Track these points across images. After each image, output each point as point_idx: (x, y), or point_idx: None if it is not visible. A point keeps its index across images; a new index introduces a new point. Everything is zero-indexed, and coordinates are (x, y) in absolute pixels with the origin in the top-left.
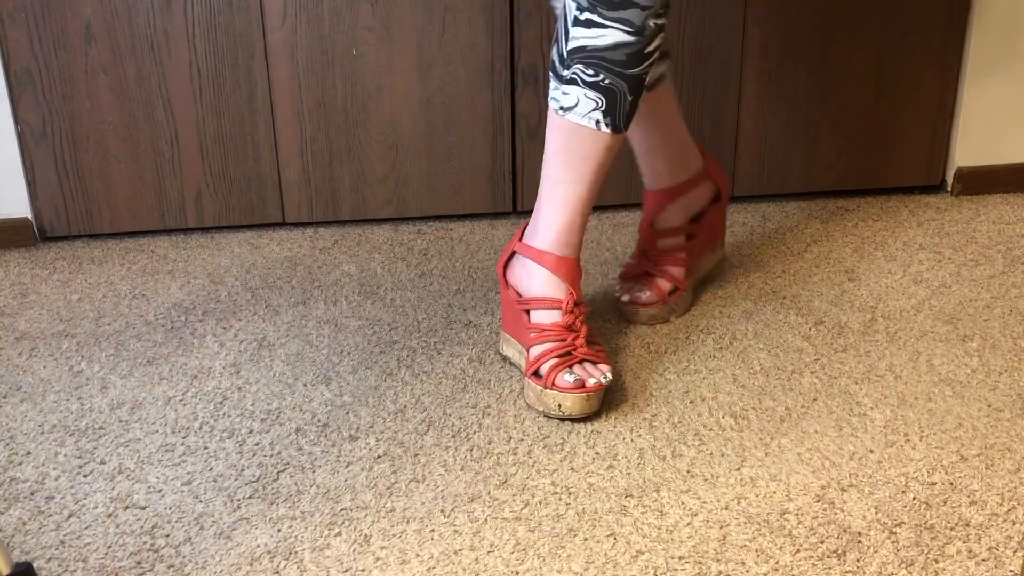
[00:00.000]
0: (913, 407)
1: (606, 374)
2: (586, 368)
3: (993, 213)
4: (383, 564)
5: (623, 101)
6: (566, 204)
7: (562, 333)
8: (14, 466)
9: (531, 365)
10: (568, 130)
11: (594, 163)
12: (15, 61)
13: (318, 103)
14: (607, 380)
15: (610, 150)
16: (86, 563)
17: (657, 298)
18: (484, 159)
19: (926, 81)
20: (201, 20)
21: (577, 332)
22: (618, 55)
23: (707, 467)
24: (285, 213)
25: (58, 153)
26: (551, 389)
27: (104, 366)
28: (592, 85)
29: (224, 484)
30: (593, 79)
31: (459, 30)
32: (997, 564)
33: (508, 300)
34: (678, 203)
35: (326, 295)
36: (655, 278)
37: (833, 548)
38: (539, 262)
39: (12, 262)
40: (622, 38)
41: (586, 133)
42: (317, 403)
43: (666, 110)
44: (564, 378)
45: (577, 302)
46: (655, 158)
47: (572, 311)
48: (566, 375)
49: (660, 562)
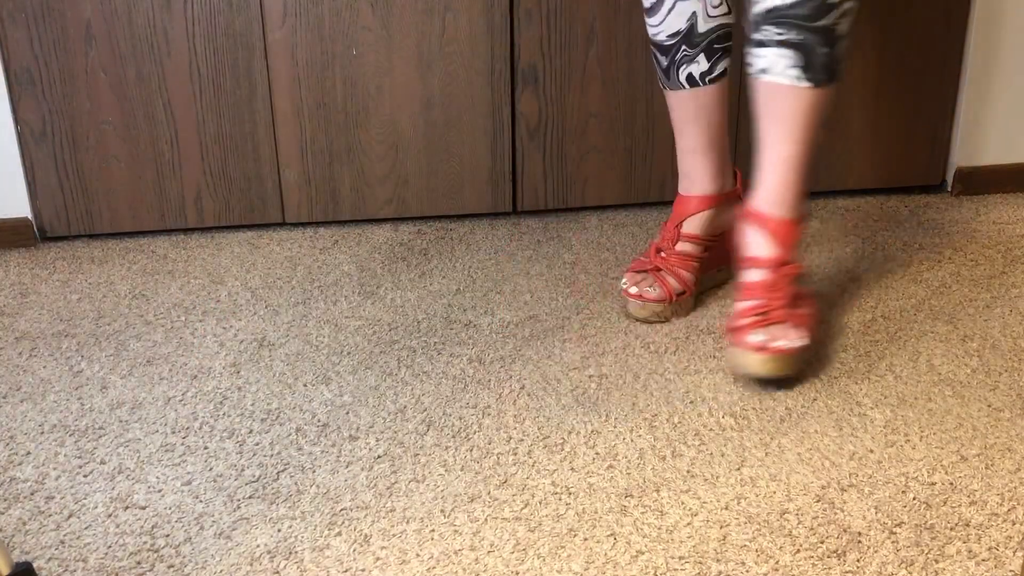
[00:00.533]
0: (913, 407)
1: (797, 339)
2: (781, 330)
3: (993, 213)
4: (383, 564)
5: (818, 55)
6: (776, 164)
7: (761, 292)
8: (14, 466)
9: (729, 321)
10: (767, 91)
11: (800, 120)
12: (15, 61)
13: (318, 103)
14: (794, 346)
15: (815, 106)
16: (86, 563)
17: (665, 296)
18: (484, 159)
19: (926, 81)
20: (201, 20)
21: (779, 292)
22: (803, 10)
23: (707, 467)
24: (285, 213)
25: (58, 153)
26: (737, 347)
27: (104, 366)
28: (782, 43)
29: (224, 484)
30: (783, 37)
31: (459, 30)
32: (997, 564)
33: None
34: (708, 213)
35: (326, 295)
36: (666, 276)
37: (833, 548)
38: (751, 221)
39: (12, 262)
40: None
41: (786, 90)
42: (317, 403)
43: (718, 110)
44: (750, 338)
45: (785, 262)
46: (696, 159)
47: (777, 270)
48: (753, 335)
49: (660, 562)
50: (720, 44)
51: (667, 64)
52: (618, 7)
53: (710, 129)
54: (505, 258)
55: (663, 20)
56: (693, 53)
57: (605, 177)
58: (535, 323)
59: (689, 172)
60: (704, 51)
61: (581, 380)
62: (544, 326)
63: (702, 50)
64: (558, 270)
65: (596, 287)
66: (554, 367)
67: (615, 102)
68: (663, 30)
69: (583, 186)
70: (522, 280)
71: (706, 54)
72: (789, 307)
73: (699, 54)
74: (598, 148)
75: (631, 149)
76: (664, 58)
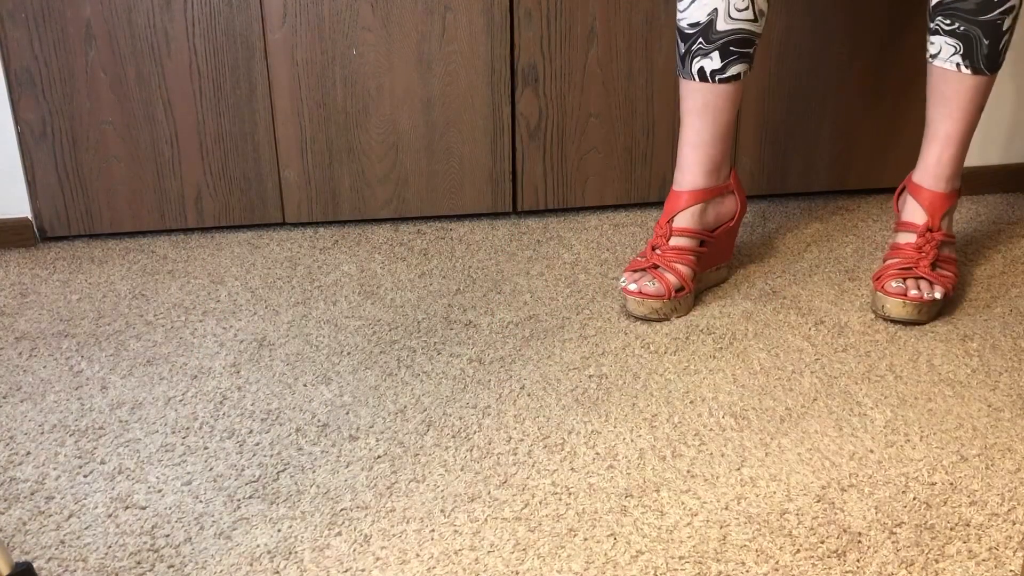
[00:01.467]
0: (913, 407)
1: (933, 292)
2: (919, 284)
3: (993, 213)
4: (383, 564)
5: (979, 45)
6: (936, 139)
7: (909, 252)
8: (14, 466)
9: (876, 271)
10: (936, 74)
11: (961, 101)
12: (15, 61)
13: (318, 103)
14: (930, 296)
15: (975, 90)
16: (86, 563)
17: (664, 291)
18: (484, 159)
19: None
20: (201, 20)
21: (925, 255)
22: (969, 4)
23: (707, 467)
24: (285, 213)
25: (58, 153)
26: (879, 292)
27: (104, 366)
28: (950, 33)
29: (224, 484)
30: (951, 27)
31: (459, 30)
32: (997, 564)
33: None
34: (699, 206)
35: (326, 295)
36: (664, 272)
37: (833, 548)
38: (909, 192)
39: (12, 262)
40: None
41: (950, 75)
42: (317, 403)
43: (725, 110)
44: (891, 284)
45: (931, 228)
46: (694, 153)
47: (924, 235)
48: (894, 282)
49: (660, 562)
50: (738, 48)
51: (683, 52)
52: (618, 7)
53: (714, 127)
54: (505, 258)
55: (687, 8)
56: (708, 48)
57: (605, 177)
58: (535, 323)
59: (684, 165)
60: (719, 50)
61: (581, 380)
62: (544, 326)
63: (717, 48)
64: (558, 270)
65: (596, 287)
66: (554, 367)
67: (615, 102)
68: (686, 17)
69: (583, 186)
70: (522, 280)
71: (720, 53)
72: (934, 268)
73: (714, 51)
74: (598, 148)
75: (631, 149)
76: (682, 45)
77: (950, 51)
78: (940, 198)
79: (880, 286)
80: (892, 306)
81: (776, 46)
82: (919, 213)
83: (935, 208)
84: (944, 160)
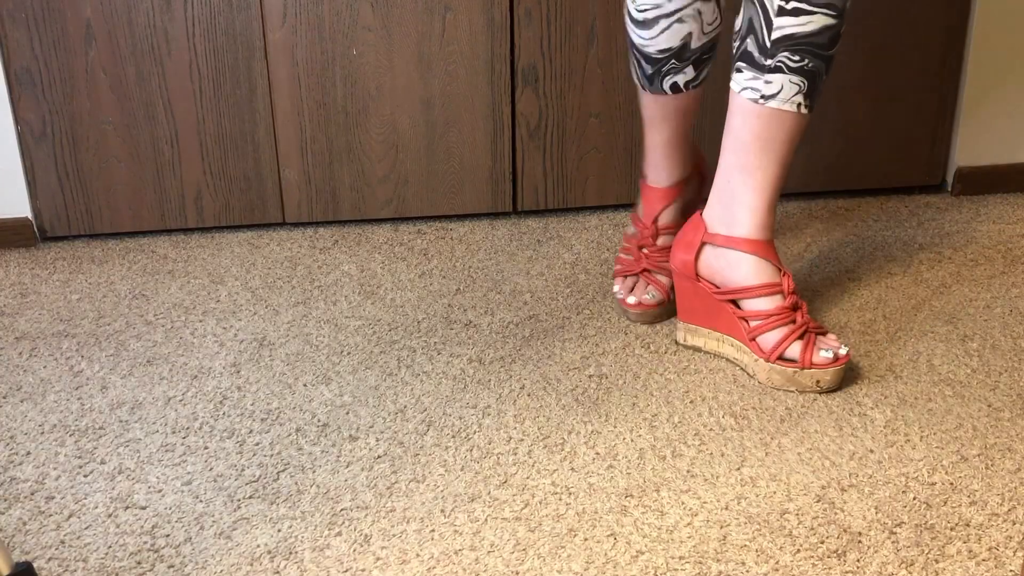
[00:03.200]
0: (913, 407)
1: (843, 344)
2: (826, 341)
3: (993, 213)
4: (383, 564)
5: (820, 82)
6: (765, 188)
7: (790, 315)
8: (14, 466)
9: (774, 351)
10: (769, 117)
11: (791, 145)
12: (15, 61)
13: (318, 103)
14: (848, 348)
15: (803, 130)
16: (86, 563)
17: (663, 296)
18: (484, 159)
19: (926, 81)
20: (201, 20)
21: (800, 309)
22: (822, 38)
23: (707, 467)
24: (285, 213)
25: (58, 153)
26: (810, 368)
27: (104, 366)
28: (797, 70)
29: (224, 484)
30: (799, 64)
31: (459, 30)
32: (997, 564)
33: (702, 293)
34: (680, 200)
35: (326, 295)
36: (655, 275)
37: (833, 548)
38: (746, 250)
39: (12, 262)
40: (827, 22)
41: (787, 117)
42: (317, 403)
43: (694, 107)
44: (821, 355)
45: (788, 282)
46: (668, 151)
47: (793, 292)
48: (822, 352)
49: (660, 562)
50: (708, 54)
51: (652, 72)
52: (618, 7)
53: (684, 124)
54: (505, 258)
55: (655, 36)
56: (681, 65)
57: (605, 177)
58: (535, 323)
59: (659, 164)
60: (693, 63)
61: (581, 380)
62: (544, 326)
63: (691, 63)
64: (558, 270)
65: (596, 287)
66: (554, 367)
67: (615, 102)
68: (654, 44)
69: (583, 186)
70: (522, 280)
71: (694, 65)
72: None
73: (687, 66)
74: (598, 148)
75: (631, 149)
76: (649, 67)
77: (793, 90)
78: (773, 246)
79: (807, 362)
80: (833, 377)
81: None
82: (772, 270)
83: (777, 257)
84: (773, 206)
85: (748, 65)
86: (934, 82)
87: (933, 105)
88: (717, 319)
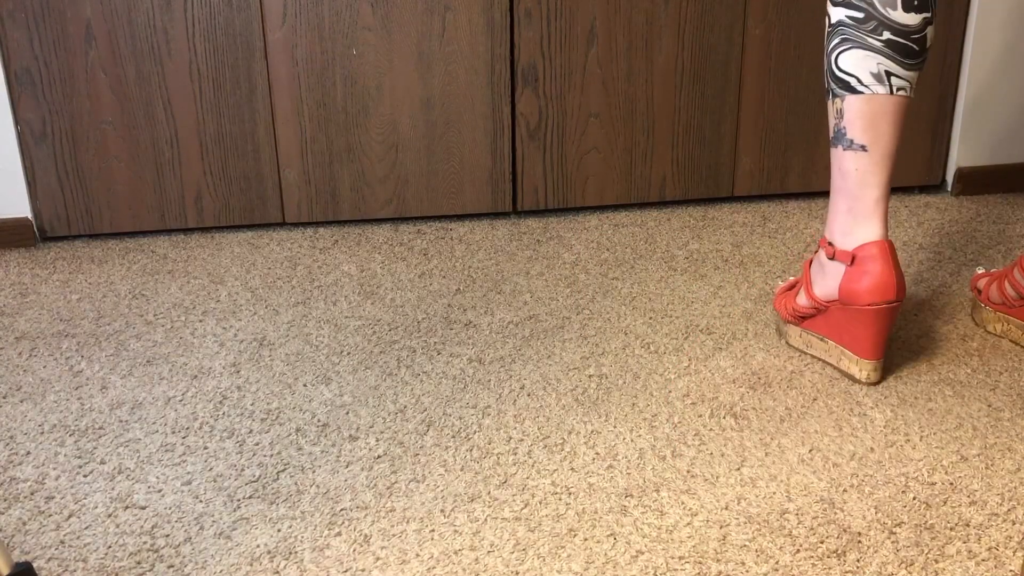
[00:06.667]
0: (913, 407)
1: None
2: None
3: (993, 213)
4: (383, 564)
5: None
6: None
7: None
8: (14, 466)
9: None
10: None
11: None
12: (15, 61)
13: (318, 103)
14: None
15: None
16: (86, 563)
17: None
18: (484, 159)
19: (926, 81)
20: (201, 20)
21: None
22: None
23: (707, 467)
24: (285, 213)
25: (58, 153)
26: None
27: (104, 366)
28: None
29: (224, 484)
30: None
31: (459, 30)
32: (997, 564)
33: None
34: None
35: (326, 295)
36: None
37: (833, 548)
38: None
39: (12, 262)
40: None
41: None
42: (317, 403)
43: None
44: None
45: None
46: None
47: None
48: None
49: (660, 562)
50: None
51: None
52: (618, 7)
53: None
54: (505, 258)
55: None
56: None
57: (605, 177)
58: (535, 323)
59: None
60: None
61: (581, 380)
62: (544, 326)
63: None
64: (558, 270)
65: (596, 287)
66: (554, 367)
67: (615, 102)
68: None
69: (583, 186)
70: (522, 280)
71: None
72: None
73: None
74: (598, 148)
75: (631, 149)
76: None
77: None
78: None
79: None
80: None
81: (776, 46)
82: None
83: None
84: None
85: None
86: (934, 82)
87: (933, 105)
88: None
